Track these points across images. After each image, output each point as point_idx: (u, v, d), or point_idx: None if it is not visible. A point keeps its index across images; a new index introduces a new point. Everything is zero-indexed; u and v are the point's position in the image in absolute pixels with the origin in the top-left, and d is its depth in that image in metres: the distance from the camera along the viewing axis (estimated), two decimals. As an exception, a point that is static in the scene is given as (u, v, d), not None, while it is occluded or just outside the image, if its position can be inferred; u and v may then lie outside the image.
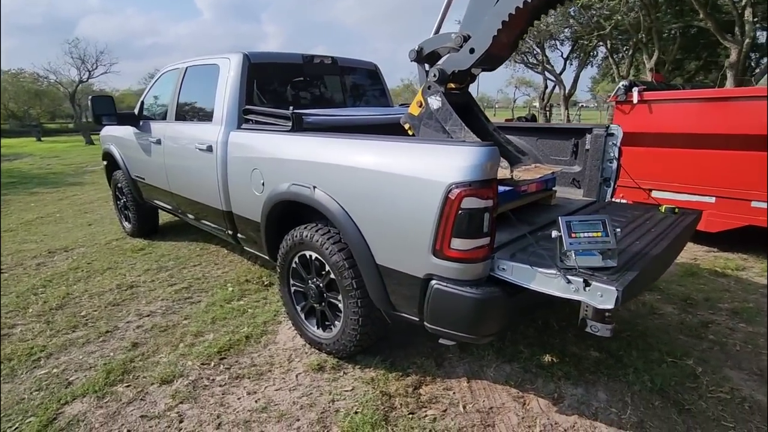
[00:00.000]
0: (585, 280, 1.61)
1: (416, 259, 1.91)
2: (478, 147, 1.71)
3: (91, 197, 7.42)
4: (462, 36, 2.40)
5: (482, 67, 2.53)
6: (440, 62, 2.51)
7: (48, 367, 2.52)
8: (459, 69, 2.44)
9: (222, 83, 3.10)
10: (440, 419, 2.04)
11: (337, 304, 2.43)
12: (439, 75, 2.48)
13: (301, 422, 2.04)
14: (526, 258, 1.83)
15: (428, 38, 2.65)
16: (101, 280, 3.76)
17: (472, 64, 2.38)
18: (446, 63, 2.48)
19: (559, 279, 1.68)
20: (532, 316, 2.80)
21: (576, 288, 1.64)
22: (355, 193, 2.11)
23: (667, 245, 2.02)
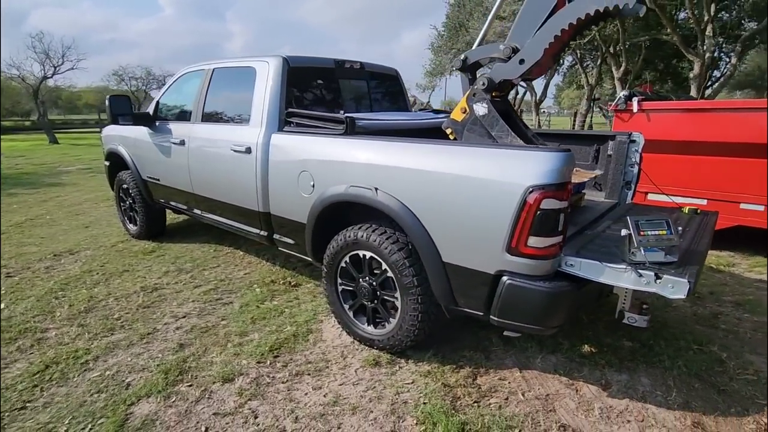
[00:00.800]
0: (656, 274, 1.79)
1: (488, 256, 2.05)
2: (555, 152, 1.87)
3: (77, 199, 7.15)
4: (511, 47, 2.56)
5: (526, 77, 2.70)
6: (488, 71, 2.66)
7: (99, 369, 2.49)
8: (507, 78, 2.60)
9: (260, 86, 3.14)
10: (504, 406, 2.18)
11: (392, 301, 2.53)
12: (487, 83, 2.63)
13: (375, 414, 2.13)
14: (593, 254, 2.01)
15: (474, 49, 2.81)
16: (121, 283, 3.69)
17: (522, 74, 2.55)
18: (494, 72, 2.63)
19: (630, 273, 1.85)
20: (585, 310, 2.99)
21: (647, 281, 1.82)
22: (423, 194, 2.22)
23: (707, 242, 2.24)
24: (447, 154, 2.18)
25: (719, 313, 3.15)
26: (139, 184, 4.48)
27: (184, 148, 3.74)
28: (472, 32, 17.93)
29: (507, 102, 2.90)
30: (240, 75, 3.43)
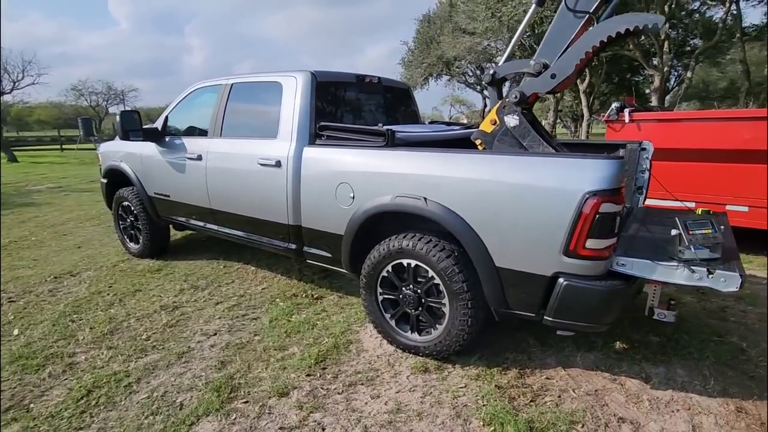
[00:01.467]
0: (708, 269, 1.95)
1: (544, 259, 2.16)
2: (610, 160, 2.01)
3: (57, 218, 6.82)
4: (541, 63, 2.72)
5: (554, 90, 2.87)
6: (520, 85, 2.81)
7: (145, 391, 2.42)
8: (539, 92, 2.76)
9: (289, 100, 3.17)
10: (560, 403, 2.28)
11: (439, 307, 2.59)
12: (519, 96, 2.78)
13: (441, 418, 2.18)
14: (641, 254, 2.15)
15: (503, 64, 2.96)
16: (137, 303, 3.57)
17: (552, 88, 2.71)
18: (526, 86, 2.78)
19: (682, 269, 2.00)
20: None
21: (700, 276, 1.97)
22: (475, 202, 2.31)
23: (733, 239, 2.44)
24: (500, 163, 2.29)
25: (725, 307, 3.39)
26: (145, 200, 4.37)
27: (200, 163, 3.70)
28: (443, 47, 18.46)
29: (532, 114, 3.06)
30: (264, 90, 3.45)
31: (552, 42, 2.73)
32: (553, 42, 2.73)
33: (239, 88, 3.62)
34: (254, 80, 3.56)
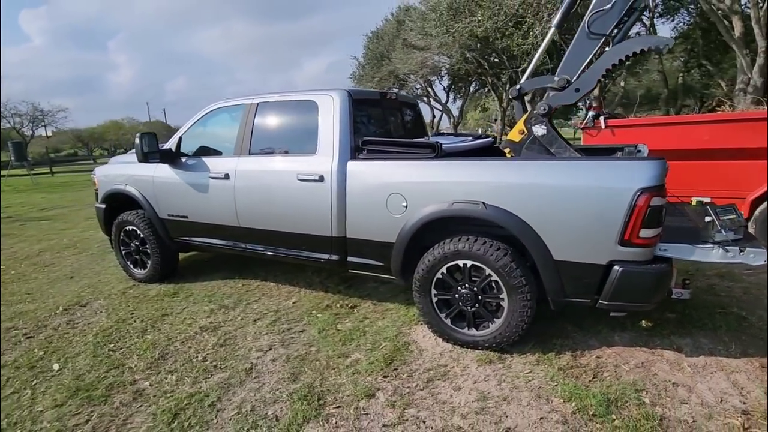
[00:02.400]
0: (740, 248, 2.34)
1: (600, 250, 2.47)
2: (656, 160, 2.36)
3: (27, 250, 6.35)
4: (565, 79, 3.08)
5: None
6: (546, 99, 3.15)
7: (231, 408, 2.44)
8: (565, 104, 3.11)
9: (327, 117, 3.30)
10: (619, 377, 2.58)
11: (496, 302, 2.83)
12: (547, 109, 3.12)
13: (525, 400, 2.40)
14: (677, 239, 2.52)
15: (528, 80, 3.30)
16: (172, 327, 3.50)
17: (576, 100, 3.07)
18: (552, 100, 3.13)
19: (717, 250, 2.39)
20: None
21: (733, 254, 2.36)
22: (533, 204, 2.59)
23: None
24: (557, 167, 2.59)
25: (713, 285, 3.91)
26: (156, 223, 4.27)
27: (228, 182, 3.71)
28: (395, 62, 19.03)
29: (552, 123, 3.42)
30: (296, 108, 3.56)
31: (571, 61, 3.10)
32: (572, 61, 3.10)
33: (266, 107, 3.69)
34: (283, 99, 3.65)
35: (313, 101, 3.41)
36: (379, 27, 21.27)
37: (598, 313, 3.15)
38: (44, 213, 9.74)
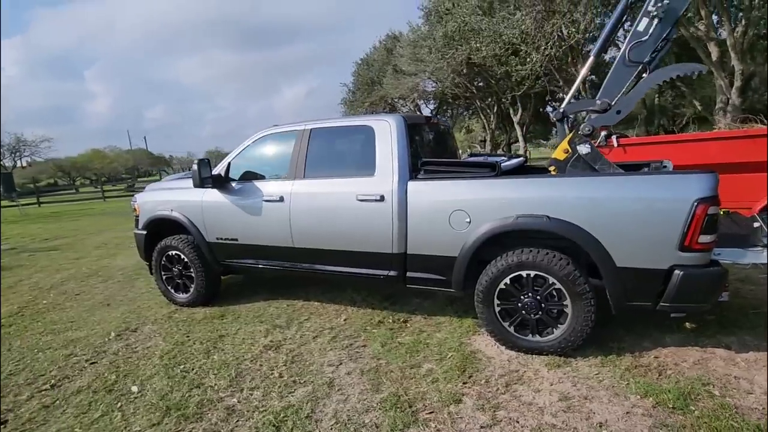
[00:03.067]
0: (787, 249, 2.61)
1: (661, 255, 2.71)
2: (710, 174, 2.63)
3: (49, 280, 6.28)
4: (606, 102, 3.38)
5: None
6: (592, 120, 3.43)
7: (328, 419, 2.54)
8: (606, 125, 3.40)
9: (385, 141, 3.51)
10: (682, 373, 2.78)
11: (560, 309, 3.02)
12: (591, 130, 3.40)
13: (605, 397, 2.57)
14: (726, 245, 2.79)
15: (569, 104, 3.59)
16: (235, 348, 3.57)
17: (617, 121, 3.37)
18: (595, 121, 3.42)
19: (766, 252, 2.65)
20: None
21: (782, 257, 2.63)
22: (596, 215, 2.82)
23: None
24: (618, 182, 2.85)
25: (738, 288, 4.18)
26: (203, 247, 4.36)
27: (283, 204, 3.86)
28: (386, 87, 19.59)
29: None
30: (352, 133, 3.78)
31: (611, 86, 3.42)
32: (611, 87, 3.42)
33: (320, 133, 3.89)
34: (337, 125, 3.86)
35: (369, 126, 3.62)
36: (368, 54, 21.93)
37: (645, 317, 3.39)
38: (49, 243, 9.59)
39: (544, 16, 7.77)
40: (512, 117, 18.20)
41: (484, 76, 15.52)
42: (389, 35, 21.30)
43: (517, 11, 8.02)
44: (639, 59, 3.31)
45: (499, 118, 20.23)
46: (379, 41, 21.37)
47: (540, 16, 7.80)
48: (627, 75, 3.38)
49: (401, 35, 19.86)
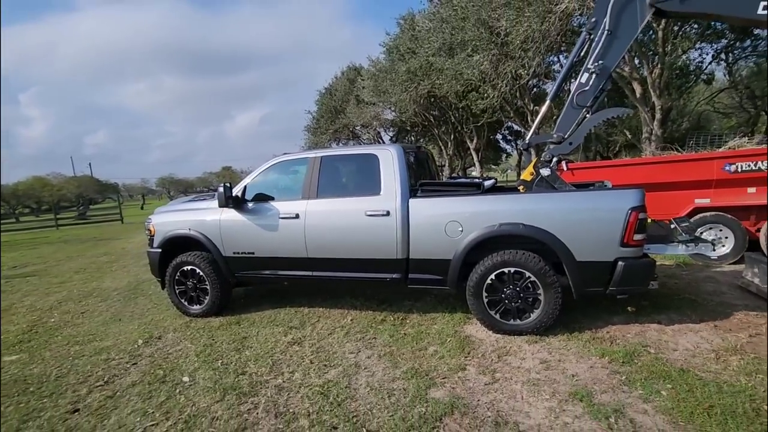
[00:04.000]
0: (695, 244, 3.58)
1: (608, 250, 3.60)
2: (638, 190, 3.58)
3: (42, 302, 6.39)
4: (561, 136, 4.33)
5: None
6: (552, 149, 4.36)
7: (363, 387, 3.16)
8: (561, 153, 4.34)
9: (388, 166, 4.26)
10: (627, 341, 3.65)
11: (534, 298, 3.84)
12: (550, 157, 4.33)
13: (573, 360, 3.37)
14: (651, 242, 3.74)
15: (534, 137, 4.52)
16: (261, 346, 4.08)
17: (570, 151, 4.32)
18: (554, 150, 4.35)
19: (682, 246, 3.61)
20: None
21: (691, 249, 3.59)
22: (561, 222, 3.68)
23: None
24: (576, 197, 3.74)
25: (665, 282, 5.23)
26: (219, 261, 4.85)
27: (298, 220, 4.48)
28: (349, 115, 20.55)
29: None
30: (359, 159, 4.51)
31: (563, 123, 4.38)
32: (564, 123, 4.38)
33: (330, 159, 4.59)
34: (346, 153, 4.60)
35: (374, 154, 4.37)
36: (331, 84, 22.90)
37: (598, 304, 4.29)
38: (21, 270, 9.44)
39: (500, 59, 8.99)
40: (468, 144, 19.63)
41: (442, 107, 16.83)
42: (350, 67, 22.47)
43: (476, 54, 9.18)
44: (583, 104, 4.30)
45: (455, 145, 21.65)
46: (341, 72, 22.48)
47: (495, 59, 9.00)
48: (574, 115, 4.36)
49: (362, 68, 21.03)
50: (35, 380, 3.66)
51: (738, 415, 2.51)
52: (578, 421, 2.59)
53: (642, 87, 12.34)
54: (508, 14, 7.51)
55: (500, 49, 8.88)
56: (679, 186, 6.22)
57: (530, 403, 2.85)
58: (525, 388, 3.03)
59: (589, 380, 3.06)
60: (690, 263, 6.07)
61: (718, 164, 5.95)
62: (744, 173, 5.80)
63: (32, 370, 3.90)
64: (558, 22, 7.14)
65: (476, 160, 19.63)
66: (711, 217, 6.00)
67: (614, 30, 4.04)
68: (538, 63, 8.61)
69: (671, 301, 4.48)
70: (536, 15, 7.10)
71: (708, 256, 5.96)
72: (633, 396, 2.82)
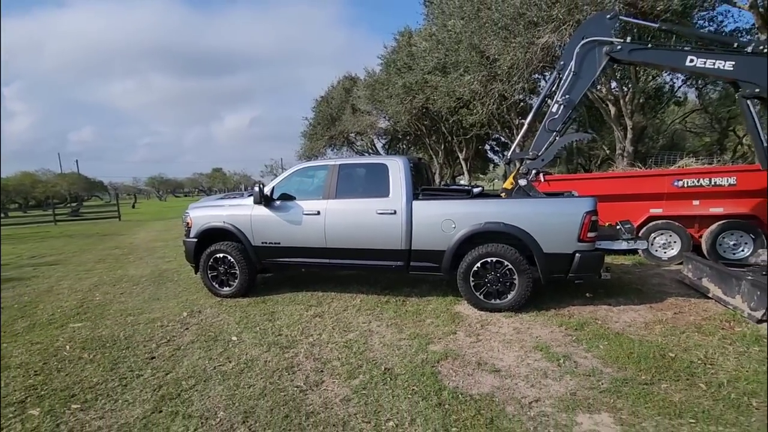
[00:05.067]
0: (634, 241, 4.62)
1: (568, 244, 4.62)
2: (592, 198, 4.61)
3: (79, 286, 7.18)
4: (535, 153, 5.36)
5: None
6: (528, 164, 5.38)
7: (377, 344, 4.10)
8: (535, 168, 5.37)
9: (396, 174, 5.23)
10: (582, 316, 4.65)
11: (511, 282, 4.82)
12: (527, 170, 5.35)
13: (539, 327, 4.36)
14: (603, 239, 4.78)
15: (513, 153, 5.54)
16: (289, 318, 4.98)
17: (543, 166, 5.35)
18: (530, 165, 5.38)
19: (625, 243, 4.65)
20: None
21: (631, 245, 4.63)
22: (532, 222, 4.69)
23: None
24: (546, 203, 4.76)
25: (619, 276, 6.28)
26: (249, 250, 5.75)
27: (319, 216, 5.42)
28: (345, 123, 21.53)
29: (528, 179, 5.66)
30: (372, 168, 5.47)
31: (538, 143, 5.41)
32: (538, 143, 5.41)
33: (347, 167, 5.55)
34: (360, 162, 5.57)
35: (384, 164, 5.34)
36: (327, 92, 23.88)
37: (562, 291, 5.30)
38: (40, 260, 10.14)
39: (489, 80, 10.06)
40: (458, 153, 20.77)
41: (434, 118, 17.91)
42: (347, 76, 23.49)
43: (467, 74, 10.24)
44: (553, 128, 5.33)
45: (445, 154, 22.76)
46: (338, 80, 23.49)
47: (485, 79, 10.08)
48: (547, 137, 5.38)
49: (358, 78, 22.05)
50: (108, 340, 4.51)
51: (649, 358, 3.52)
52: (537, 363, 3.58)
53: (616, 108, 13.57)
54: (496, 43, 8.58)
55: (489, 71, 9.95)
56: (638, 197, 7.32)
57: (504, 353, 3.82)
58: (500, 344, 4.01)
59: (548, 340, 4.05)
60: (644, 263, 7.16)
61: (669, 180, 7.06)
62: (690, 188, 6.92)
63: (101, 333, 4.74)
64: (540, 53, 8.24)
65: (465, 170, 20.74)
66: (662, 224, 7.11)
67: (578, 72, 5.11)
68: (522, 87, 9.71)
69: (621, 289, 5.53)
70: (520, 46, 8.20)
71: (659, 257, 7.07)
72: (579, 348, 3.82)
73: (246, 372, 3.61)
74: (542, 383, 3.24)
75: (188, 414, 2.99)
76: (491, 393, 3.12)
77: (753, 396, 2.91)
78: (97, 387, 3.45)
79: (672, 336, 4.00)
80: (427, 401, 3.02)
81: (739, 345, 3.73)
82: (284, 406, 3.03)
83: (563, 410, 2.86)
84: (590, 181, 7.88)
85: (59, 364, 3.92)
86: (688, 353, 3.61)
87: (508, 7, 8.10)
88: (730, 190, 6.66)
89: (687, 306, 4.85)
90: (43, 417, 3.03)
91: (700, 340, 3.89)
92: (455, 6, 10.91)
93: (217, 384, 3.41)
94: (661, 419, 2.70)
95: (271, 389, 3.29)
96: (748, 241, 6.68)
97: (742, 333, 3.97)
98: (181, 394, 3.27)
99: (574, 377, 3.30)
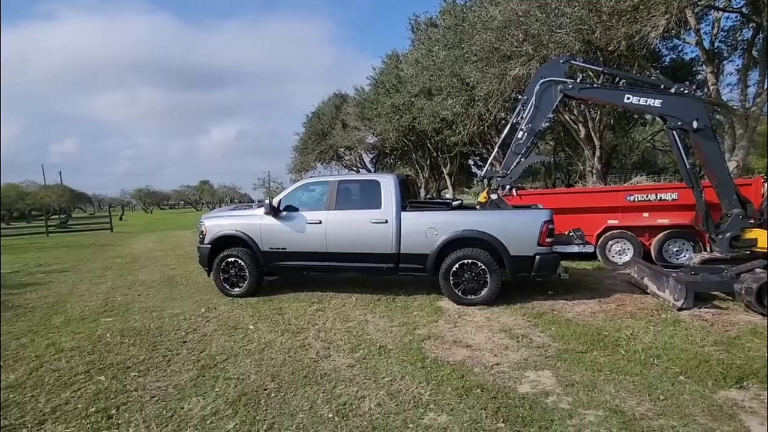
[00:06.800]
0: (583, 245, 5.60)
1: (530, 248, 5.58)
2: (549, 210, 5.59)
3: (97, 289, 7.85)
4: (505, 171, 6.34)
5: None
6: (498, 181, 6.36)
7: (375, 330, 4.96)
8: (504, 185, 6.35)
9: (387, 189, 6.15)
10: (542, 308, 5.58)
11: (484, 280, 5.74)
12: (498, 186, 6.33)
13: (506, 318, 5.27)
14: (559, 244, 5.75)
15: (487, 170, 6.52)
16: (295, 312, 5.81)
17: (511, 183, 6.34)
18: (501, 182, 6.35)
19: (576, 247, 5.63)
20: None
21: (581, 248, 5.61)
22: (501, 229, 5.64)
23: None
24: (512, 214, 5.73)
25: (579, 278, 7.26)
26: (258, 255, 6.58)
27: (321, 225, 6.29)
28: (335, 138, 22.51)
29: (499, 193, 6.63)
30: (366, 183, 6.40)
31: (506, 164, 6.41)
32: (507, 164, 6.41)
33: (345, 182, 6.46)
34: (357, 178, 6.51)
35: (377, 180, 6.26)
36: (318, 108, 24.90)
37: (529, 289, 6.25)
38: (48, 269, 10.73)
39: (469, 103, 11.14)
40: (443, 169, 21.90)
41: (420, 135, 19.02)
42: (336, 94, 24.58)
43: (449, 98, 11.31)
44: (519, 152, 6.33)
45: (431, 169, 23.89)
46: (328, 98, 24.57)
47: (466, 103, 11.15)
48: (513, 159, 6.37)
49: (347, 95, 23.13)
50: (141, 330, 5.27)
51: (587, 335, 4.46)
52: (501, 340, 4.48)
53: (585, 129, 14.81)
54: (474, 73, 9.67)
55: (469, 96, 11.04)
56: (597, 210, 8.37)
57: (475, 335, 4.72)
58: (473, 329, 4.91)
59: (512, 325, 4.97)
60: (603, 267, 8.18)
61: (623, 195, 8.14)
62: (640, 202, 7.99)
63: (133, 324, 5.49)
64: (512, 82, 9.33)
65: (449, 184, 21.84)
66: (618, 233, 8.16)
67: (538, 105, 6.14)
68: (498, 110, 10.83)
69: (578, 288, 6.50)
70: (495, 76, 9.28)
71: (615, 262, 8.10)
72: (535, 331, 4.74)
73: (267, 350, 4.43)
74: (503, 354, 4.14)
75: (227, 377, 3.81)
76: (463, 360, 4.01)
77: (657, 358, 3.86)
78: (146, 362, 4.23)
79: (610, 321, 4.96)
80: (414, 366, 3.90)
81: (660, 327, 4.70)
82: (302, 371, 3.87)
83: (516, 369, 3.76)
84: (556, 196, 8.93)
85: (106, 347, 4.68)
86: (618, 332, 4.56)
87: (484, 41, 9.19)
88: (673, 204, 7.75)
89: (629, 300, 5.84)
90: (110, 381, 3.81)
91: (631, 323, 4.86)
92: (440, 34, 12.04)
93: (245, 358, 4.23)
94: (586, 372, 3.63)
95: (290, 360, 4.13)
96: (689, 247, 7.76)
97: (665, 318, 4.96)
98: (217, 365, 4.08)
99: (528, 349, 4.21)
